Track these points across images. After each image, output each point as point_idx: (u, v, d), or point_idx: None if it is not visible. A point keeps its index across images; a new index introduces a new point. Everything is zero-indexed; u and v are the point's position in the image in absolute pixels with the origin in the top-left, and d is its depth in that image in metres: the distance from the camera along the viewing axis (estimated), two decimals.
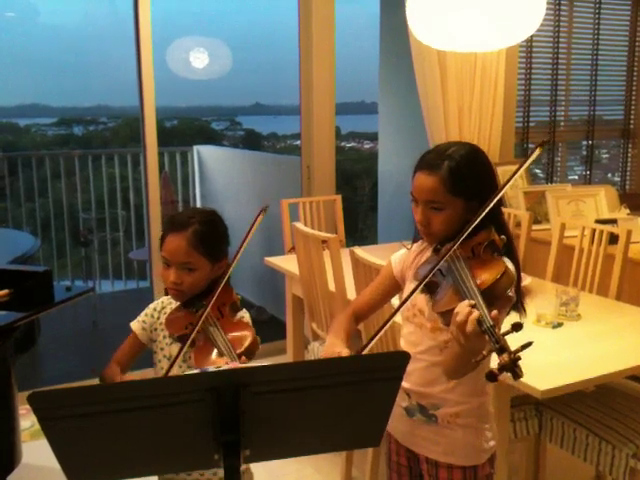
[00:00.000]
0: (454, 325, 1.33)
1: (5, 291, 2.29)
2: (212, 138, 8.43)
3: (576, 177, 5.09)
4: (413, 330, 1.63)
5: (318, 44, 3.90)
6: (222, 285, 1.57)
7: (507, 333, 1.26)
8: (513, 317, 1.57)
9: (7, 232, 5.06)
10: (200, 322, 1.56)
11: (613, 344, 2.24)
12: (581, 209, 3.87)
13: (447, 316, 1.39)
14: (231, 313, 1.68)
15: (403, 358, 1.20)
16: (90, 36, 7.83)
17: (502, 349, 1.24)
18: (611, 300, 2.77)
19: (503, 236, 1.50)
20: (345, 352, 1.54)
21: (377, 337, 1.46)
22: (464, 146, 1.57)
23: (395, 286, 1.73)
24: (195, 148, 6.15)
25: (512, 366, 1.22)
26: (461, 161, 1.52)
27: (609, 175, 5.38)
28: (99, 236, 5.82)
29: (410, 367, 1.61)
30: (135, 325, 1.78)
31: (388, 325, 1.48)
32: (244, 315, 1.74)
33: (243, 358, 1.52)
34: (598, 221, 3.36)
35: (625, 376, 2.32)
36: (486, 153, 1.62)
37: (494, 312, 1.30)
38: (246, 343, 1.58)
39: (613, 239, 2.92)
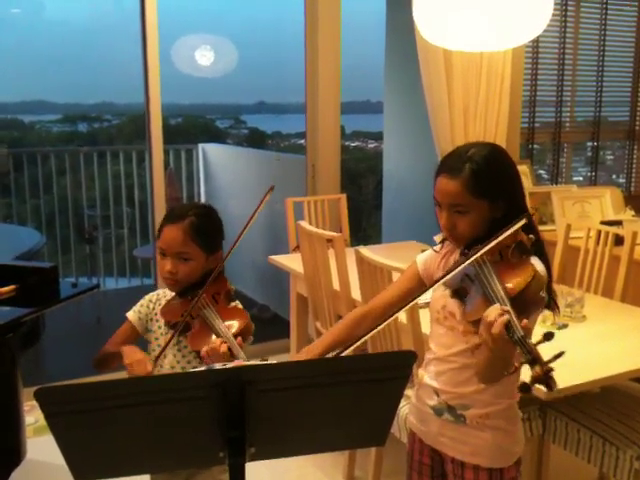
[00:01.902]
0: (482, 327, 1.32)
1: (11, 287, 2.30)
2: (216, 136, 8.41)
3: (581, 178, 5.08)
4: (444, 332, 1.61)
5: (324, 42, 3.90)
6: (217, 274, 1.65)
7: (539, 343, 1.24)
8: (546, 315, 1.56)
9: (12, 228, 5.07)
10: (193, 304, 1.62)
11: (618, 345, 2.24)
12: (586, 210, 3.87)
13: (477, 325, 1.37)
14: (225, 301, 1.73)
15: (409, 357, 1.20)
16: (95, 33, 7.83)
17: (534, 360, 1.21)
18: (616, 302, 2.76)
19: (531, 235, 1.48)
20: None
21: (379, 329, 1.48)
22: (485, 147, 1.56)
23: (419, 286, 1.71)
24: (200, 146, 6.16)
25: (545, 378, 1.20)
26: (483, 162, 1.50)
27: (614, 177, 5.37)
28: (104, 233, 5.83)
29: (441, 368, 1.62)
30: (131, 315, 1.82)
31: (392, 318, 1.48)
32: (237, 304, 1.78)
33: (239, 339, 1.56)
34: (603, 222, 3.36)
35: (630, 378, 2.31)
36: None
37: (524, 322, 1.28)
38: (242, 325, 1.63)
39: (618, 241, 2.92)
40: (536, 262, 1.47)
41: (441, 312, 1.62)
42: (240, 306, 1.78)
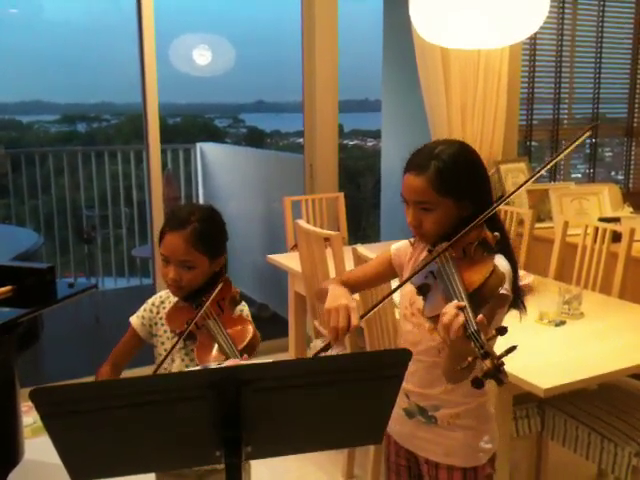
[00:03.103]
0: (440, 327, 1.31)
1: (8, 287, 2.30)
2: (215, 135, 8.41)
3: (579, 175, 5.08)
4: (411, 329, 1.61)
5: (321, 41, 3.89)
6: (220, 282, 1.61)
7: (491, 338, 1.23)
8: (514, 315, 1.56)
9: (10, 229, 5.07)
10: (197, 318, 1.59)
11: (616, 342, 2.23)
12: (584, 207, 3.87)
13: (436, 320, 1.37)
14: (231, 307, 1.70)
15: (405, 355, 1.19)
16: (94, 33, 7.83)
17: (486, 355, 1.20)
18: (614, 298, 2.76)
19: (496, 233, 1.47)
20: (352, 304, 1.51)
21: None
22: (452, 145, 1.55)
23: (389, 272, 1.72)
24: (198, 145, 6.16)
25: (495, 372, 1.18)
26: (449, 161, 1.50)
27: (612, 173, 5.37)
28: (102, 233, 5.83)
29: (409, 368, 1.61)
30: (134, 320, 1.79)
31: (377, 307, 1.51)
32: (243, 308, 1.76)
33: (245, 356, 1.53)
34: (601, 219, 3.36)
35: (628, 374, 2.31)
36: (480, 151, 1.62)
37: (480, 317, 1.27)
38: (247, 339, 1.60)
39: (616, 237, 2.92)
40: (500, 260, 1.46)
41: (409, 308, 1.61)
42: (246, 311, 1.76)
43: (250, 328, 1.64)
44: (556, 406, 2.36)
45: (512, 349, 1.20)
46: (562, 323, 2.37)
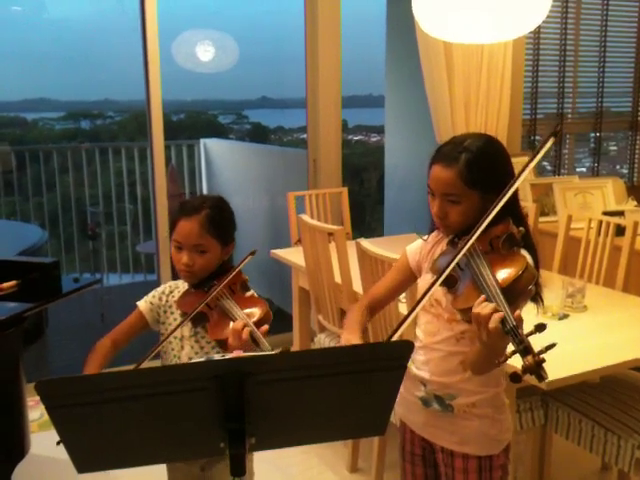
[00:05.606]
0: (476, 322, 1.32)
1: (13, 282, 2.31)
2: (219, 132, 8.42)
3: (584, 169, 5.08)
4: (430, 320, 1.63)
5: (324, 37, 3.89)
6: (230, 266, 1.70)
7: (531, 334, 1.24)
8: (530, 308, 1.56)
9: (15, 225, 5.09)
10: (211, 295, 1.63)
11: (619, 335, 2.24)
12: (588, 201, 3.86)
13: (467, 312, 1.38)
14: (242, 291, 1.74)
15: (407, 347, 1.20)
16: (97, 30, 7.83)
17: (526, 350, 1.22)
18: (617, 292, 2.76)
19: (521, 228, 1.49)
20: (357, 341, 1.54)
21: (401, 329, 1.46)
22: (481, 137, 1.56)
23: (411, 277, 1.73)
24: (202, 141, 6.16)
25: (537, 369, 1.21)
26: (478, 153, 1.51)
27: (617, 167, 5.36)
28: (107, 230, 5.85)
29: (426, 357, 1.63)
30: (143, 305, 1.81)
31: (411, 319, 1.47)
32: (253, 293, 1.79)
33: (264, 327, 1.57)
34: (605, 213, 3.36)
35: (631, 367, 2.31)
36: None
37: (517, 312, 1.29)
38: (262, 312, 1.64)
39: (620, 231, 2.92)
40: (526, 255, 1.47)
41: (427, 300, 1.61)
42: (256, 295, 1.79)
43: (263, 303, 1.68)
44: (559, 399, 2.37)
45: (552, 346, 1.22)
46: (565, 316, 2.37)
